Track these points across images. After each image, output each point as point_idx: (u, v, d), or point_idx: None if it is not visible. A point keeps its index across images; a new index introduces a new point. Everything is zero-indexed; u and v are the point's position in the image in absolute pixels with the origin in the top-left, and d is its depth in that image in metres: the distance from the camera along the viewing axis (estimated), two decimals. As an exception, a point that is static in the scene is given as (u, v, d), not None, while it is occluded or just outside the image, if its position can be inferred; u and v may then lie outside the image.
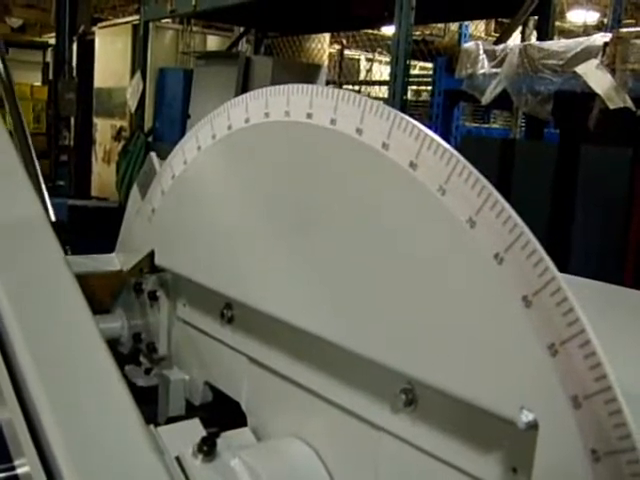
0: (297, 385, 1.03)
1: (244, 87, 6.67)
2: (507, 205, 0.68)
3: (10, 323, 0.90)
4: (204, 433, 0.99)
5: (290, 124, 0.94)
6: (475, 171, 0.71)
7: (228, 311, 1.15)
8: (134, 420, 0.82)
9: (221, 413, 1.22)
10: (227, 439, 0.95)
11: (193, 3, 6.74)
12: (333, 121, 0.86)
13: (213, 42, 9.15)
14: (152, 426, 0.88)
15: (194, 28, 8.90)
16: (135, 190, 1.39)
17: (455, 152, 0.73)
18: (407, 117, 0.78)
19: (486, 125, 7.88)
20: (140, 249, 1.32)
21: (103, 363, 0.89)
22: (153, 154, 1.37)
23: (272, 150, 0.99)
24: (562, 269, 0.66)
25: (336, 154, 0.87)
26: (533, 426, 0.66)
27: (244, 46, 8.50)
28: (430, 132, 0.75)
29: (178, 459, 0.90)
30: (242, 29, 8.42)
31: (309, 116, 0.90)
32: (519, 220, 0.67)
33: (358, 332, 0.85)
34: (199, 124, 1.15)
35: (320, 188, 0.90)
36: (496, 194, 0.69)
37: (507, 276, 0.67)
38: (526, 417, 0.66)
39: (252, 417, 1.13)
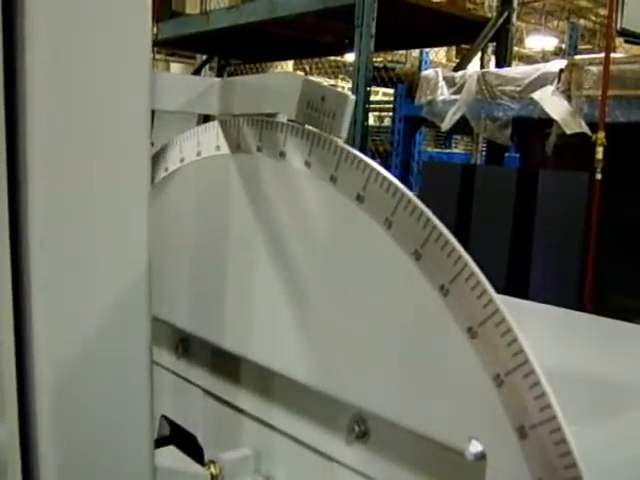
0: (252, 417, 1.02)
1: (207, 115, 6.65)
2: (451, 237, 0.68)
3: None
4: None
5: (239, 157, 0.94)
6: (420, 204, 0.71)
7: (183, 343, 1.14)
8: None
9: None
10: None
11: (155, 31, 6.74)
12: (282, 154, 0.86)
13: (176, 69, 9.18)
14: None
15: (157, 56, 8.91)
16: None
17: (400, 185, 0.73)
18: (354, 150, 0.78)
19: (448, 150, 7.97)
20: None
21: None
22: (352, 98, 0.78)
23: (221, 184, 0.98)
24: (522, 293, 0.67)
25: (284, 188, 0.87)
26: (482, 457, 0.66)
27: (207, 73, 8.52)
28: (376, 164, 0.76)
29: None
30: (205, 57, 8.45)
31: (259, 149, 0.90)
32: (463, 252, 0.67)
33: (307, 364, 0.84)
34: (152, 156, 1.14)
35: (269, 222, 0.90)
36: (441, 226, 0.69)
37: (453, 308, 0.67)
38: (475, 448, 0.66)
39: (210, 451, 1.12)
